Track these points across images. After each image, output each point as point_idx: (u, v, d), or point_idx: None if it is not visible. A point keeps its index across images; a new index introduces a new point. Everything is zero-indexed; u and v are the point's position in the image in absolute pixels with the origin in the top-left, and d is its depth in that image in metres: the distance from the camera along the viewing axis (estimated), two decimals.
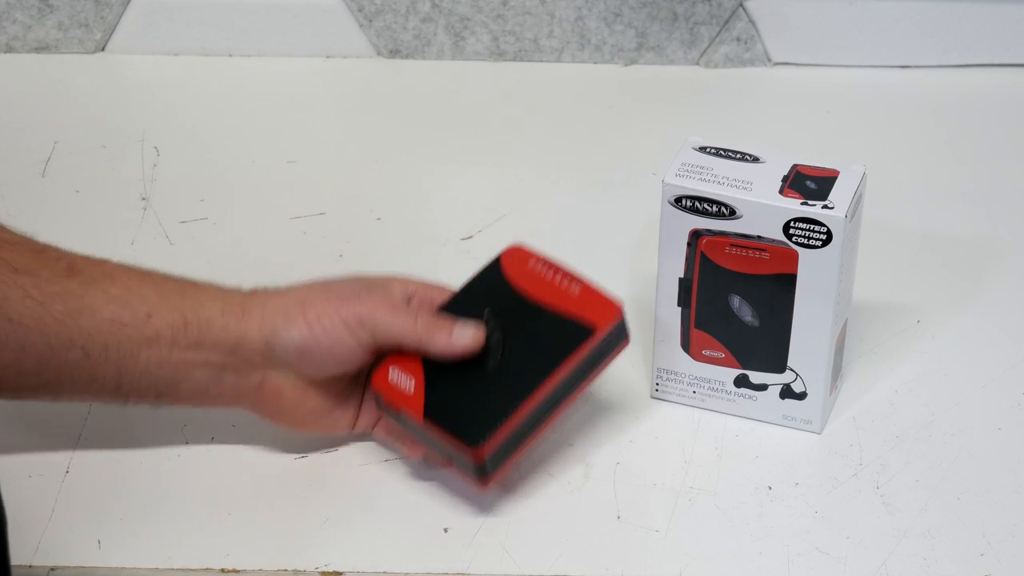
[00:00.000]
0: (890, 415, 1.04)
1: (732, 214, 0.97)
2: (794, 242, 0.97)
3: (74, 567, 0.93)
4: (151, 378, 0.95)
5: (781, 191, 0.97)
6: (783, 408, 1.02)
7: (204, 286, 0.96)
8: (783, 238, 0.97)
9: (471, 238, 1.19)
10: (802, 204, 0.96)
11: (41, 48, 1.39)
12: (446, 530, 0.96)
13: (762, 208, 0.97)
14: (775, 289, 0.99)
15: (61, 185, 1.25)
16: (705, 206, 0.98)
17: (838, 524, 0.96)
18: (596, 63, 1.39)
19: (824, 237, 0.96)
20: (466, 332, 0.96)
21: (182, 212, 1.22)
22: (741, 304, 1.00)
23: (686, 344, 1.03)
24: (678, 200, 0.99)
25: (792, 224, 0.96)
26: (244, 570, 0.93)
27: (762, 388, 1.02)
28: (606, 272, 1.16)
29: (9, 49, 1.39)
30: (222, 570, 0.93)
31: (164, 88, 1.37)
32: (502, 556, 0.94)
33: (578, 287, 0.99)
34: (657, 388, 1.05)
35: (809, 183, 0.98)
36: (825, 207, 0.96)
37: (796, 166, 0.99)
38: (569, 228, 1.21)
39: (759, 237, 0.97)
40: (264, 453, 1.01)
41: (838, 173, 0.98)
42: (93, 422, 1.02)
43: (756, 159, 1.00)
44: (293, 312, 0.94)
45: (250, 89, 1.37)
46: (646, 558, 0.94)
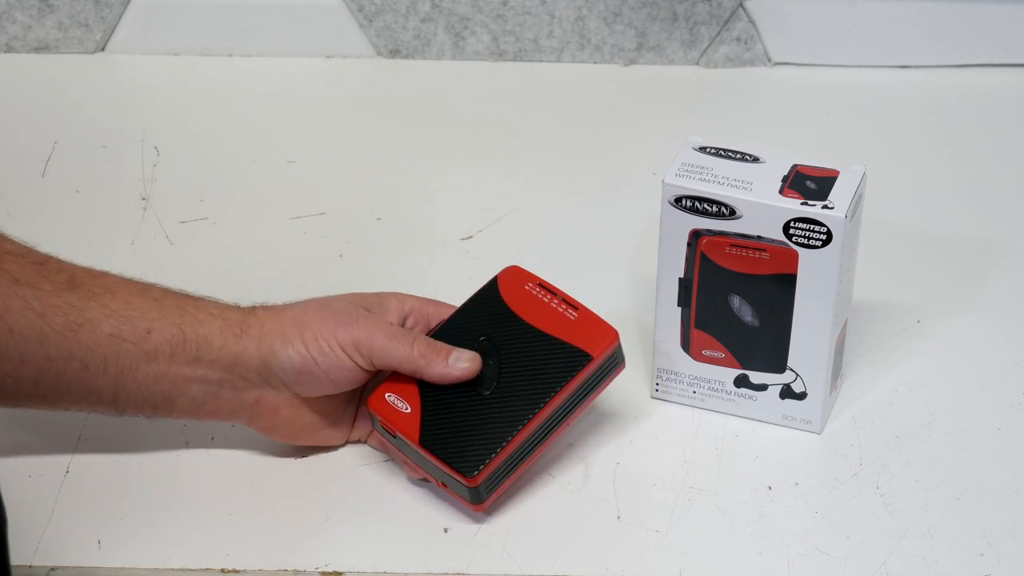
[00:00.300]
0: (890, 415, 1.04)
1: (732, 214, 0.97)
2: (794, 242, 0.97)
3: (74, 567, 0.93)
4: (148, 392, 0.95)
5: (781, 191, 0.97)
6: (783, 408, 1.02)
7: (203, 303, 0.97)
8: (783, 238, 0.97)
9: (471, 238, 1.19)
10: (802, 204, 0.96)
11: (41, 48, 1.39)
12: (446, 530, 0.96)
13: (762, 208, 0.97)
14: (775, 289, 0.99)
15: (61, 185, 1.25)
16: (705, 206, 0.98)
17: (838, 524, 0.96)
18: (596, 63, 1.39)
19: (824, 237, 0.96)
20: (462, 359, 0.96)
21: (182, 212, 1.22)
22: (741, 304, 1.00)
23: (686, 344, 1.03)
24: (678, 200, 0.99)
25: (792, 224, 0.96)
26: (244, 570, 0.93)
27: (762, 388, 1.02)
28: (606, 272, 1.16)
29: (9, 49, 1.39)
30: (222, 570, 0.93)
31: (164, 88, 1.37)
32: (502, 556, 0.94)
33: (575, 312, 0.99)
34: (657, 388, 1.05)
35: (809, 183, 0.98)
36: (825, 207, 0.96)
37: (796, 166, 0.99)
38: (569, 228, 1.21)
39: (759, 237, 0.97)
40: (264, 453, 1.01)
41: (838, 173, 0.98)
42: (93, 423, 1.02)
43: (756, 159, 1.00)
44: (291, 333, 0.95)
45: (250, 89, 1.37)
46: (646, 558, 0.94)
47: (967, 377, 1.07)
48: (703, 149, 1.00)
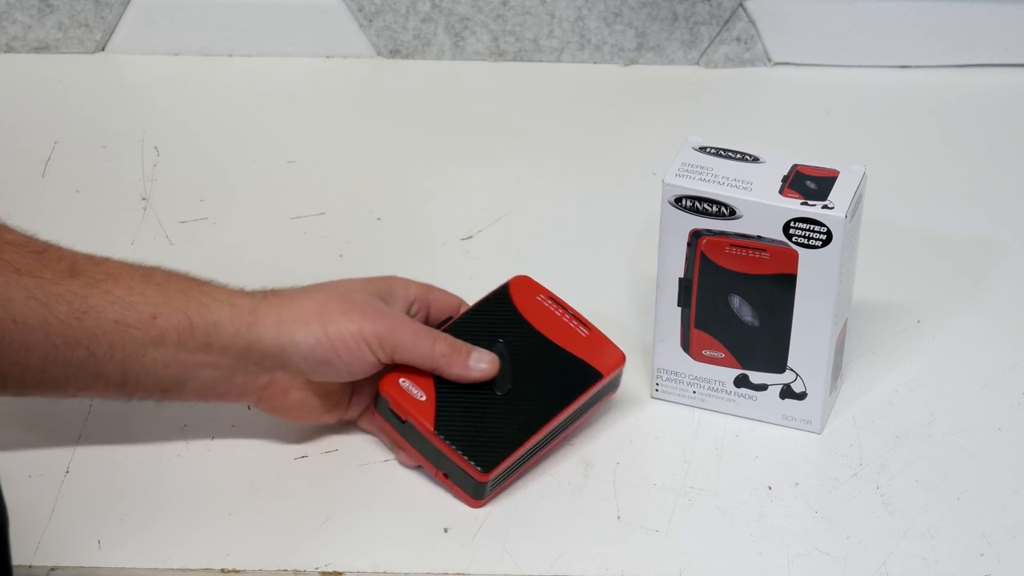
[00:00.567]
0: (890, 415, 1.04)
1: (732, 214, 0.97)
2: (794, 242, 0.97)
3: (74, 567, 0.93)
4: (157, 377, 0.95)
5: (781, 191, 0.97)
6: (783, 408, 1.02)
7: (208, 287, 0.97)
8: (783, 238, 0.97)
9: (471, 238, 1.19)
10: (802, 204, 0.96)
11: (41, 48, 1.39)
12: (446, 530, 0.96)
13: (762, 208, 0.97)
14: (775, 289, 0.99)
15: (61, 185, 1.25)
16: (705, 206, 0.98)
17: (838, 524, 0.96)
18: (596, 63, 1.39)
19: (824, 237, 0.96)
20: (483, 360, 0.98)
21: (182, 212, 1.22)
22: (741, 304, 1.00)
23: (686, 344, 1.03)
24: (678, 200, 0.99)
25: (792, 224, 0.96)
26: (244, 570, 0.93)
27: (762, 388, 1.02)
28: (606, 272, 1.16)
29: (9, 49, 1.39)
30: (222, 570, 0.93)
31: (164, 88, 1.37)
32: (502, 556, 0.94)
33: (586, 330, 1.01)
34: (657, 388, 1.05)
35: (809, 183, 0.98)
36: (825, 207, 0.96)
37: (796, 166, 0.99)
38: (569, 228, 1.21)
39: (759, 237, 0.97)
40: (264, 453, 1.01)
41: (838, 173, 0.98)
42: (93, 422, 1.02)
43: (756, 159, 1.00)
44: (313, 324, 0.95)
45: (250, 89, 1.37)
46: (646, 558, 0.94)
47: (967, 377, 1.07)
48: (703, 149, 1.00)
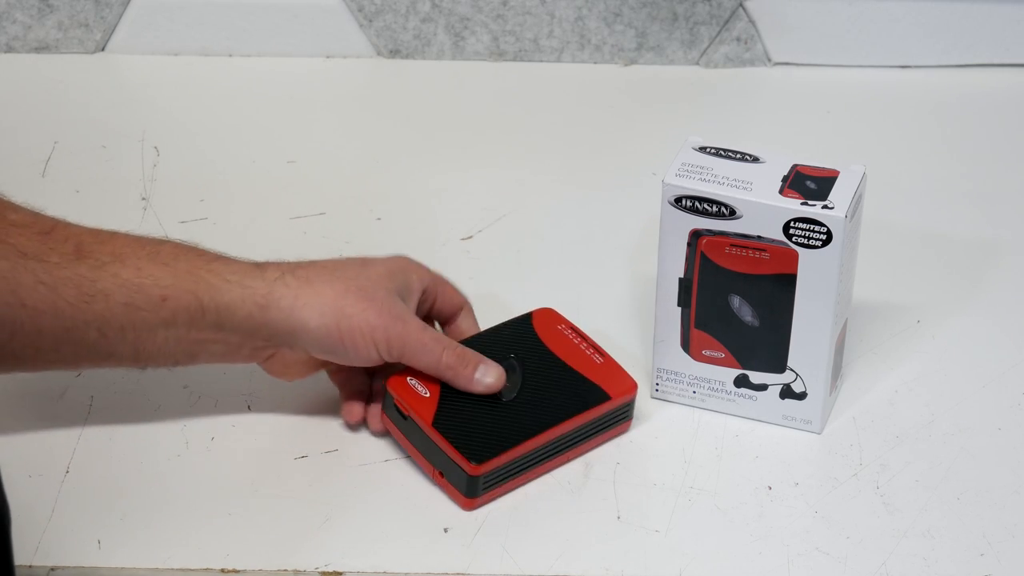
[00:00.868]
0: (890, 415, 1.04)
1: (732, 214, 0.97)
2: (794, 242, 0.97)
3: (74, 567, 0.93)
4: (169, 352, 0.96)
5: (781, 191, 0.97)
6: (783, 408, 1.02)
7: (217, 264, 0.96)
8: (783, 238, 0.97)
9: (471, 238, 1.19)
10: (802, 204, 0.96)
11: (41, 48, 1.39)
12: (446, 530, 0.96)
13: (762, 208, 0.97)
14: (775, 289, 0.99)
15: (61, 185, 1.25)
16: (705, 206, 0.98)
17: (838, 524, 0.96)
18: (596, 63, 1.39)
19: (824, 237, 0.96)
20: (488, 375, 0.98)
21: (182, 212, 1.22)
22: (741, 304, 1.00)
23: (686, 344, 1.03)
24: (678, 200, 0.99)
25: (792, 224, 0.96)
26: (244, 570, 0.93)
27: (762, 388, 1.02)
28: (606, 272, 1.16)
29: (9, 49, 1.39)
30: (222, 570, 0.93)
31: (164, 88, 1.37)
32: (502, 556, 0.94)
33: (602, 358, 1.02)
34: (657, 388, 1.05)
35: (809, 183, 0.98)
36: (825, 207, 0.96)
37: (796, 166, 0.99)
38: (569, 228, 1.21)
39: (759, 237, 0.97)
40: (264, 453, 1.01)
41: (838, 173, 0.98)
42: (93, 422, 1.02)
43: (756, 159, 1.00)
44: (327, 314, 0.96)
45: (250, 89, 1.37)
46: (646, 558, 0.94)
47: (967, 377, 1.07)
48: (703, 149, 1.00)
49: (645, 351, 1.07)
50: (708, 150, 1.00)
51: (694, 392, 1.04)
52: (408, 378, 0.99)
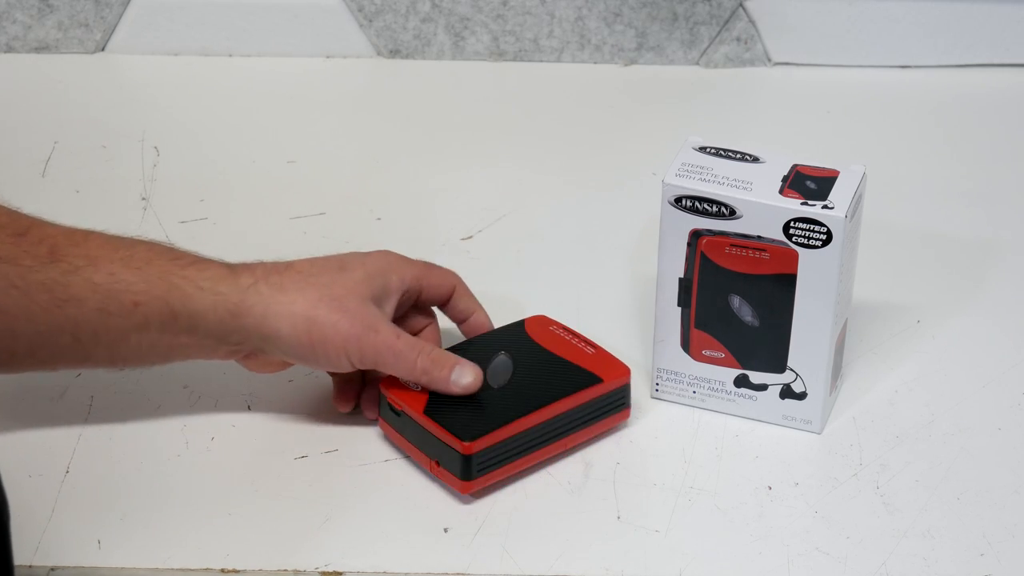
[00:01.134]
0: (890, 415, 1.04)
1: (732, 214, 0.97)
2: (794, 242, 0.97)
3: (74, 567, 0.93)
4: (144, 355, 0.96)
5: (781, 191, 0.97)
6: (783, 408, 1.02)
7: (190, 271, 0.96)
8: (783, 238, 0.97)
9: (471, 238, 1.19)
10: (802, 204, 0.96)
11: (41, 48, 1.39)
12: (446, 530, 0.96)
13: (762, 208, 0.97)
14: (775, 289, 0.99)
15: (61, 185, 1.25)
16: (705, 206, 0.98)
17: (838, 524, 0.96)
18: (596, 63, 1.39)
19: (824, 237, 0.96)
20: (464, 376, 0.97)
21: (182, 212, 1.22)
22: (741, 304, 1.00)
23: (686, 344, 1.03)
24: (678, 200, 0.99)
25: (792, 224, 0.96)
26: (244, 570, 0.93)
27: (762, 388, 1.02)
28: (606, 272, 1.16)
29: (9, 49, 1.39)
30: (222, 570, 0.93)
31: (164, 88, 1.37)
32: (502, 556, 0.94)
33: (593, 349, 1.02)
34: (657, 388, 1.05)
35: (809, 183, 0.98)
36: (825, 207, 0.96)
37: (796, 166, 0.99)
38: (569, 228, 1.21)
39: (759, 237, 0.97)
40: (264, 453, 1.01)
41: (838, 173, 0.98)
42: (93, 422, 1.02)
43: (756, 159, 1.00)
44: (299, 324, 0.95)
45: (250, 89, 1.37)
46: (646, 558, 0.94)
47: (967, 377, 1.07)
48: (703, 149, 1.00)
49: (645, 351, 1.07)
50: (708, 150, 1.00)
51: (694, 392, 1.04)
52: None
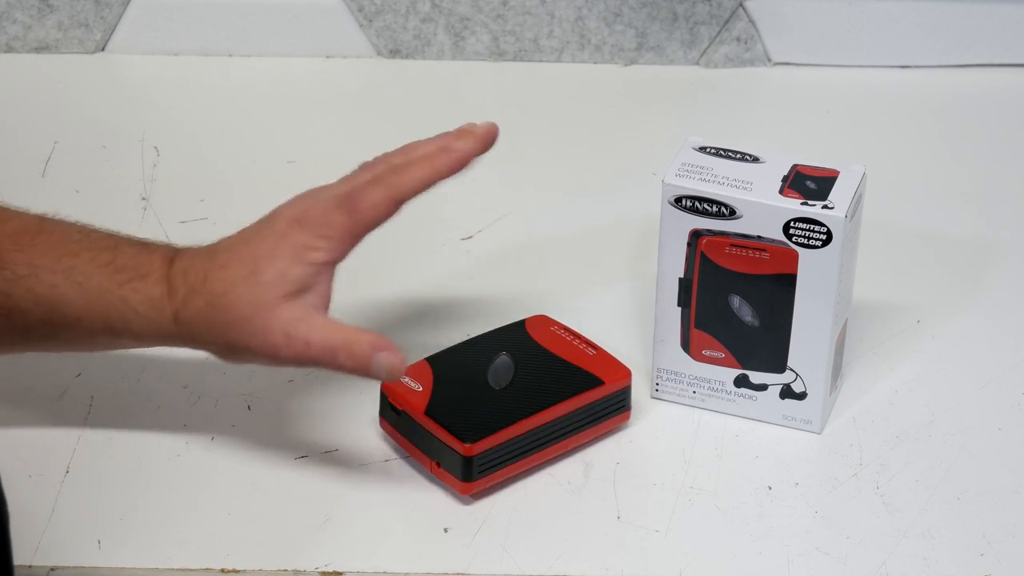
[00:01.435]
0: (890, 415, 1.04)
1: (732, 214, 0.97)
2: (794, 242, 0.97)
3: (74, 567, 0.93)
4: (100, 349, 0.98)
5: (781, 191, 0.97)
6: (783, 408, 1.02)
7: (126, 292, 0.93)
8: (783, 238, 0.97)
9: (471, 238, 1.19)
10: (802, 204, 0.96)
11: (41, 48, 1.39)
12: (446, 530, 0.96)
13: (762, 208, 0.97)
14: (775, 289, 0.99)
15: (61, 185, 1.25)
16: (705, 206, 0.98)
17: (838, 524, 0.96)
18: (596, 63, 1.39)
19: (824, 237, 0.96)
20: (381, 365, 0.92)
21: (182, 212, 1.22)
22: (741, 304, 1.00)
23: (686, 344, 1.03)
24: (678, 200, 0.99)
25: (792, 224, 0.96)
26: (244, 570, 0.93)
27: (762, 388, 1.02)
28: (606, 272, 1.16)
29: (9, 49, 1.39)
30: (222, 570, 0.93)
31: (164, 88, 1.37)
32: (502, 556, 0.94)
33: (594, 350, 1.02)
34: (657, 388, 1.05)
35: (809, 183, 0.98)
36: (825, 207, 0.96)
37: (796, 166, 0.99)
38: (569, 228, 1.21)
39: (759, 237, 0.97)
40: (264, 453, 1.01)
41: (838, 173, 0.98)
42: (93, 422, 1.02)
43: (756, 159, 1.00)
44: (224, 351, 0.94)
45: (250, 89, 1.37)
46: (646, 558, 0.94)
47: (967, 377, 1.07)
48: (703, 149, 1.00)
49: (645, 351, 1.07)
50: (708, 150, 1.00)
51: (694, 392, 1.04)
52: (402, 378, 0.99)
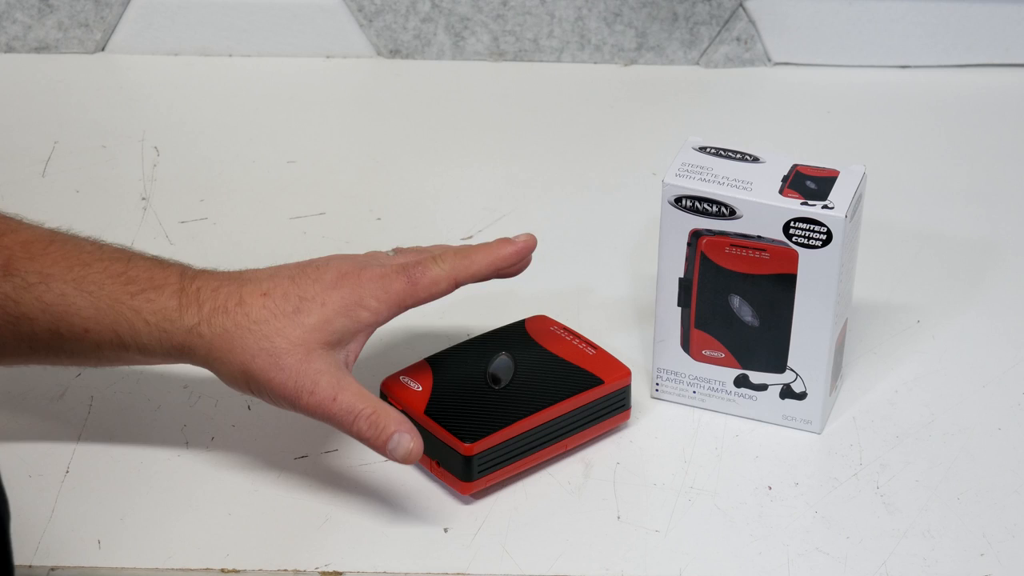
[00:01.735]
0: (890, 415, 1.04)
1: (732, 214, 0.97)
2: (794, 242, 0.97)
3: (74, 567, 0.93)
4: (105, 363, 0.96)
5: (781, 191, 0.97)
6: (783, 408, 1.02)
7: (138, 303, 0.93)
8: (783, 238, 0.97)
9: (471, 238, 1.19)
10: (802, 204, 0.96)
11: (41, 48, 1.39)
12: (446, 530, 0.96)
13: (762, 208, 0.97)
14: (775, 289, 0.99)
15: (61, 185, 1.25)
16: (705, 206, 0.98)
17: (838, 524, 0.96)
18: (596, 63, 1.39)
19: (824, 237, 0.96)
20: (402, 444, 0.93)
21: (182, 212, 1.22)
22: (741, 304, 1.00)
23: (686, 344, 1.03)
24: (678, 200, 0.99)
25: (792, 224, 0.96)
26: (244, 570, 0.93)
27: (762, 388, 1.02)
28: (606, 272, 1.16)
29: (9, 49, 1.39)
30: (222, 570, 0.93)
31: (164, 88, 1.37)
32: (502, 556, 0.94)
33: (594, 349, 1.02)
34: (657, 388, 1.05)
35: (809, 183, 0.98)
36: (825, 207, 0.96)
37: (796, 166, 0.99)
38: (569, 228, 1.21)
39: (759, 237, 0.97)
40: (264, 453, 1.01)
41: (838, 173, 0.98)
42: (93, 422, 1.02)
43: (756, 159, 1.00)
44: (238, 379, 0.94)
45: (250, 89, 1.37)
46: (646, 558, 0.94)
47: (967, 377, 1.07)
48: (703, 149, 1.00)
49: (645, 351, 1.07)
50: (708, 150, 1.00)
51: (694, 392, 1.04)
52: (401, 376, 0.99)
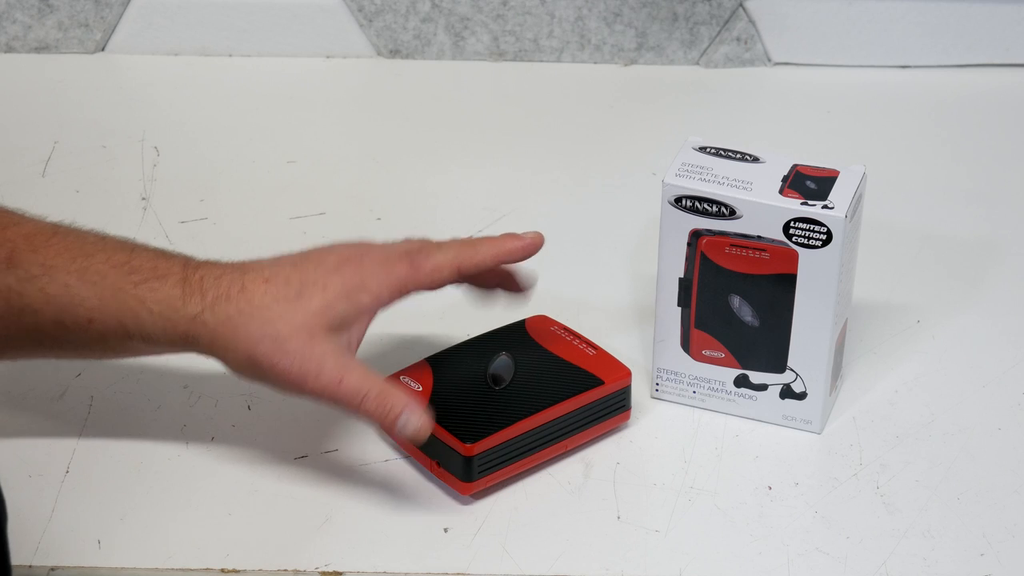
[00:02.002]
0: (890, 415, 1.04)
1: (732, 214, 0.97)
2: (794, 242, 0.97)
3: (74, 567, 0.93)
4: (109, 355, 0.97)
5: (781, 191, 0.97)
6: (783, 408, 1.02)
7: (142, 292, 0.93)
8: (783, 238, 0.97)
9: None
10: (802, 204, 0.96)
11: (41, 48, 1.39)
12: (446, 530, 0.96)
13: (762, 208, 0.97)
14: (775, 289, 0.99)
15: (61, 185, 1.25)
16: (705, 206, 0.98)
17: (838, 524, 0.96)
18: (596, 63, 1.39)
19: (824, 237, 0.96)
20: (411, 422, 0.93)
21: (182, 212, 1.22)
22: (741, 304, 1.00)
23: (686, 344, 1.03)
24: (678, 200, 0.99)
25: (792, 224, 0.96)
26: (244, 570, 0.93)
27: (762, 388, 1.02)
28: (606, 272, 1.16)
29: (9, 49, 1.39)
30: (222, 570, 0.93)
31: (164, 88, 1.37)
32: (502, 556, 0.94)
33: (594, 350, 1.02)
34: (657, 388, 1.05)
35: (809, 183, 0.98)
36: (825, 207, 0.96)
37: (796, 166, 0.99)
38: (569, 228, 1.21)
39: (759, 237, 0.97)
40: (264, 453, 1.01)
41: (838, 173, 0.98)
42: (93, 422, 1.02)
43: (756, 159, 1.00)
44: (243, 365, 0.93)
45: (250, 89, 1.37)
46: (646, 558, 0.94)
47: (967, 377, 1.07)
48: (703, 149, 1.00)
49: (645, 351, 1.07)
50: (708, 150, 1.00)
51: (694, 392, 1.04)
52: (401, 376, 0.99)
